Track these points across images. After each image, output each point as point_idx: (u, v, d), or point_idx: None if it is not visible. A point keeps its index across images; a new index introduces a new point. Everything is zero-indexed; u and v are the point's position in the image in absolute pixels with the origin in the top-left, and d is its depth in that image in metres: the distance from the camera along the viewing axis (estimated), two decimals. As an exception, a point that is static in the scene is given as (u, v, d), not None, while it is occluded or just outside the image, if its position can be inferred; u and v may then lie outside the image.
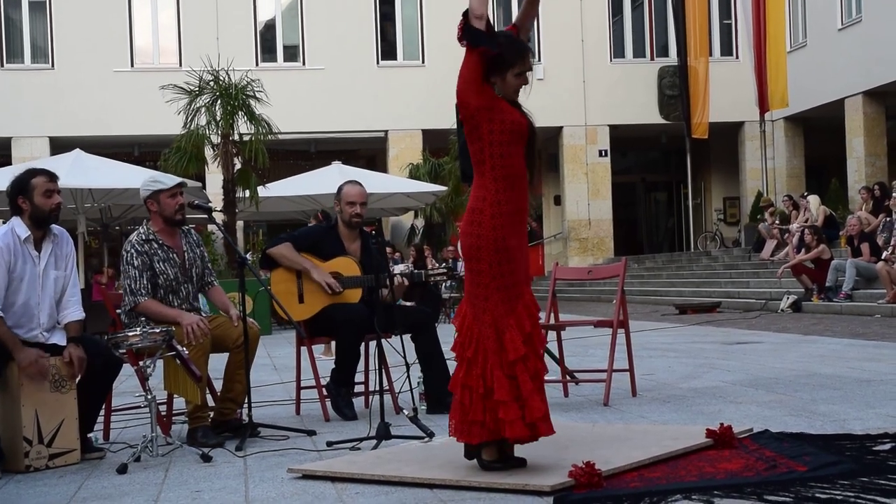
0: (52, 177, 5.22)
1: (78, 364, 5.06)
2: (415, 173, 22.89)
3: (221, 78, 17.30)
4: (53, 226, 5.27)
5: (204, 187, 19.24)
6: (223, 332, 5.63)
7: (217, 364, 5.85)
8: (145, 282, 5.51)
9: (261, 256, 6.45)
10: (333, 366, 6.25)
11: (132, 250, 5.54)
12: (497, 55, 4.15)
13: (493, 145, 4.16)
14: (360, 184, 6.49)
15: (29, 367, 4.93)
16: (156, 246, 5.59)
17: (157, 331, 5.11)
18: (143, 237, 5.60)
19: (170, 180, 5.69)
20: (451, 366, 4.73)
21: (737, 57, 26.28)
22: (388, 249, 10.52)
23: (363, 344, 6.20)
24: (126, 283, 5.53)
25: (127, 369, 5.64)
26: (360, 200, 6.34)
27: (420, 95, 24.41)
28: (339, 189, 6.43)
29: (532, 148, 4.28)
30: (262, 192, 17.90)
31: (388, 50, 25.58)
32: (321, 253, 6.28)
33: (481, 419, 4.08)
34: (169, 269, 5.58)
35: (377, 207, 20.43)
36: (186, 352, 5.17)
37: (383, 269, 5.86)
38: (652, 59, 26.60)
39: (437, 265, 6.14)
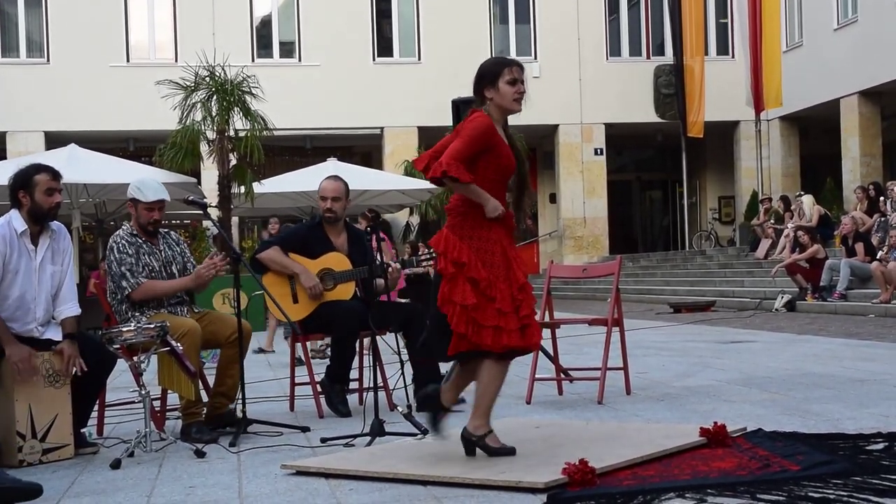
0: (55, 175, 5.22)
1: (70, 363, 5.04)
2: (410, 170, 22.84)
3: (217, 74, 17.26)
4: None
5: (199, 183, 19.22)
6: (216, 328, 5.64)
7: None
8: (140, 268, 5.59)
9: (251, 261, 6.42)
10: (329, 362, 6.24)
11: (122, 242, 5.65)
12: (481, 73, 4.39)
13: (484, 182, 4.37)
14: (339, 179, 6.48)
15: (19, 363, 4.92)
16: (140, 241, 5.71)
17: (152, 326, 5.12)
18: (129, 232, 5.72)
19: (152, 194, 5.69)
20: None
21: (733, 56, 26.26)
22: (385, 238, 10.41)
23: (357, 340, 6.19)
24: (122, 269, 5.55)
25: (121, 364, 5.63)
26: (331, 195, 6.32)
27: (416, 92, 24.37)
28: (320, 185, 6.45)
29: (521, 183, 4.58)
30: (258, 188, 17.87)
31: (384, 47, 25.55)
32: (309, 251, 6.27)
33: (464, 331, 4.27)
34: (154, 262, 5.69)
35: (373, 204, 20.42)
36: (181, 347, 5.17)
37: (375, 260, 5.83)
38: (648, 57, 26.58)
39: (428, 251, 6.13)
